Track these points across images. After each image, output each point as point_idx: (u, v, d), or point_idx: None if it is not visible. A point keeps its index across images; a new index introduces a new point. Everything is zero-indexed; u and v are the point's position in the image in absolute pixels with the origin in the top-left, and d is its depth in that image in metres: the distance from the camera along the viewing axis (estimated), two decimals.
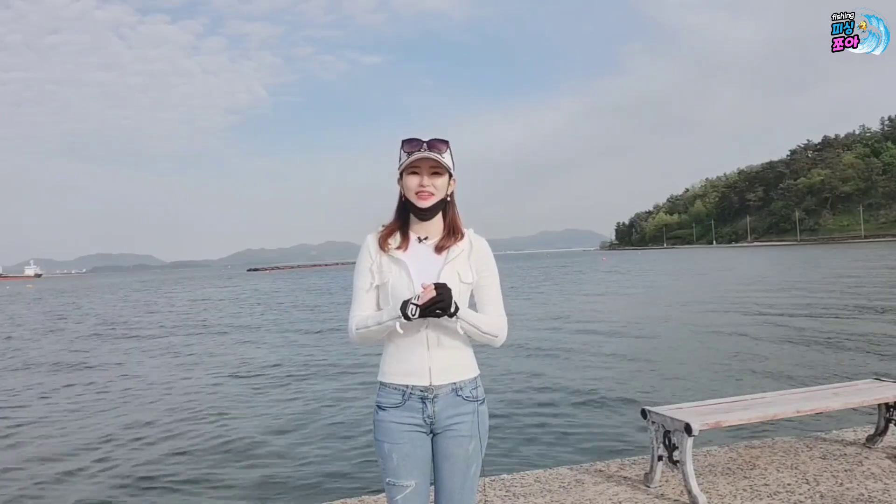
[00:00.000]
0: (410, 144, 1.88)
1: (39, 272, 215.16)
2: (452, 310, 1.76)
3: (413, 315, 1.76)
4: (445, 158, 1.88)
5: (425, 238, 1.95)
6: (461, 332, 1.86)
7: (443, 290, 1.73)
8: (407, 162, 1.87)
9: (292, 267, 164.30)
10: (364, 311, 1.94)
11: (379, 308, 1.95)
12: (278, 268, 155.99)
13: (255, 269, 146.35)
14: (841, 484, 3.57)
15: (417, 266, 1.89)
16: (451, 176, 1.93)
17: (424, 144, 1.86)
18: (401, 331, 1.83)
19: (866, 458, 4.01)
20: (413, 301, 1.77)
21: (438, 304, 1.72)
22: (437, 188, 1.89)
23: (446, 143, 1.90)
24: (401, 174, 1.91)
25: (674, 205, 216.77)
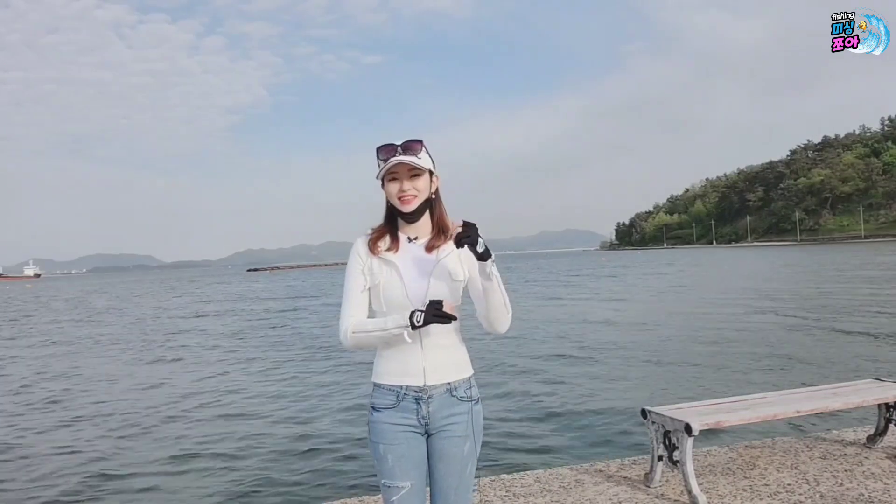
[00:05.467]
0: (385, 151, 1.87)
1: (39, 272, 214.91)
2: (481, 250, 1.75)
3: (418, 322, 1.77)
4: (422, 159, 1.87)
5: (415, 238, 1.94)
6: (497, 286, 1.85)
7: (470, 228, 1.73)
8: (384, 169, 1.86)
9: (292, 267, 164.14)
10: (358, 313, 1.91)
11: (371, 310, 1.94)
12: (278, 268, 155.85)
13: (255, 269, 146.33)
14: (841, 484, 3.56)
15: (408, 266, 1.89)
16: (431, 174, 1.92)
17: (399, 148, 1.86)
18: (409, 339, 1.83)
19: (866, 458, 4.00)
20: (419, 308, 1.78)
21: (466, 240, 1.72)
22: (418, 190, 1.88)
23: (420, 142, 1.89)
24: (382, 181, 1.91)
25: (674, 205, 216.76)
